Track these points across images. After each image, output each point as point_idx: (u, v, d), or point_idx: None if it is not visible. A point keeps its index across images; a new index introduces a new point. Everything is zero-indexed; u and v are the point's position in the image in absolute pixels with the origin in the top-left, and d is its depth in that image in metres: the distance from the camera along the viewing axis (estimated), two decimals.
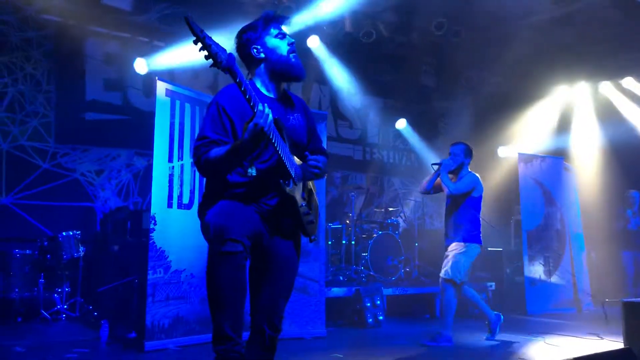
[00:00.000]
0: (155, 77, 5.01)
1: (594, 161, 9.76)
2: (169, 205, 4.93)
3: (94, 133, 7.36)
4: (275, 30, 2.81)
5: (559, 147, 9.74)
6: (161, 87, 4.95)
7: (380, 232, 7.77)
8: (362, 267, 7.41)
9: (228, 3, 7.60)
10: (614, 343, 5.13)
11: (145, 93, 7.70)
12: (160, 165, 4.89)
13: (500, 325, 5.42)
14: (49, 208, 6.93)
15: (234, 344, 2.49)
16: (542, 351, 4.97)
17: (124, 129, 7.54)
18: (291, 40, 2.84)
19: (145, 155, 7.52)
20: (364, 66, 9.45)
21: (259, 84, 2.83)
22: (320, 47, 8.64)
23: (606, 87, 9.69)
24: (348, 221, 7.80)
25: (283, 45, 2.80)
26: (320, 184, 5.52)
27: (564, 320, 6.92)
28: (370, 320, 6.23)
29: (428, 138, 10.36)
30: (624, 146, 9.28)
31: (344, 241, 7.60)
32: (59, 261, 5.95)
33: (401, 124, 10.19)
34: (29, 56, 7.02)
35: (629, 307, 4.23)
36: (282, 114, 2.82)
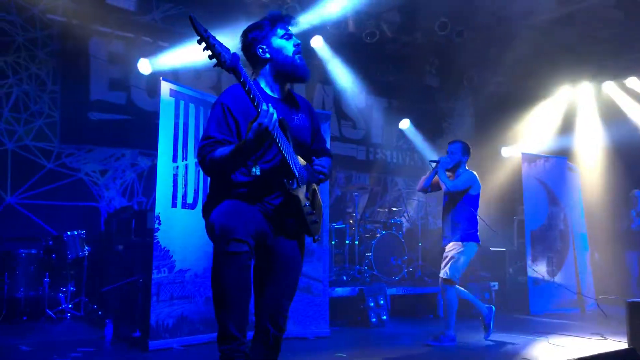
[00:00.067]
0: (160, 77, 5.03)
1: (598, 161, 9.74)
2: (174, 205, 4.95)
3: (99, 133, 7.38)
4: (281, 31, 2.81)
5: (562, 147, 9.72)
6: (165, 87, 4.97)
7: (383, 232, 7.77)
8: (366, 267, 7.42)
9: (232, 3, 7.62)
10: (618, 343, 5.13)
11: (149, 93, 7.72)
12: (164, 165, 4.91)
13: (494, 318, 5.39)
14: (54, 208, 6.95)
15: (238, 343, 2.50)
16: (546, 351, 4.97)
17: (128, 129, 7.56)
18: (297, 42, 2.84)
19: (149, 155, 7.54)
20: (367, 66, 9.46)
21: (263, 84, 2.83)
22: (324, 47, 8.65)
23: (609, 87, 9.67)
24: (352, 221, 7.81)
25: (289, 46, 2.80)
26: (324, 183, 5.52)
27: (567, 320, 6.92)
28: (373, 320, 6.24)
29: (431, 138, 10.36)
30: (627, 146, 9.26)
31: (347, 241, 7.61)
32: (64, 261, 5.97)
33: (405, 124, 10.19)
34: (33, 56, 7.04)
35: (633, 308, 4.24)
36: (286, 114, 2.83)
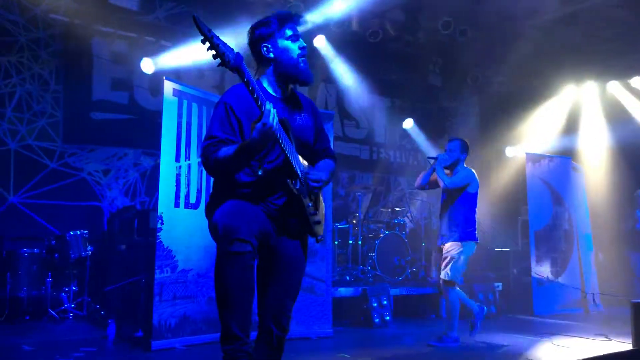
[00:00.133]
0: (163, 77, 5.02)
1: (602, 161, 9.70)
2: (176, 204, 4.94)
3: (101, 132, 7.38)
4: (289, 32, 2.77)
5: (566, 147, 9.69)
6: (168, 87, 4.96)
7: (386, 232, 7.75)
8: (369, 267, 7.40)
9: (235, 2, 7.61)
10: (623, 344, 5.10)
11: (152, 92, 7.71)
12: (167, 165, 4.90)
13: (483, 319, 5.33)
14: (57, 207, 6.95)
15: (241, 343, 2.49)
16: (550, 352, 4.95)
17: (131, 129, 7.56)
18: (303, 45, 2.80)
19: (152, 154, 7.54)
20: (370, 65, 9.44)
21: (265, 84, 2.82)
22: (327, 46, 8.64)
23: (614, 87, 9.63)
24: (355, 221, 7.79)
25: (294, 48, 2.77)
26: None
27: (571, 321, 6.89)
28: (377, 320, 6.23)
29: (435, 138, 10.34)
30: (632, 146, 9.22)
31: (350, 241, 7.59)
32: (67, 260, 5.97)
33: (408, 123, 10.17)
34: (36, 56, 7.04)
35: (638, 308, 4.21)
36: (289, 114, 2.81)
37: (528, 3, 7.72)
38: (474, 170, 5.40)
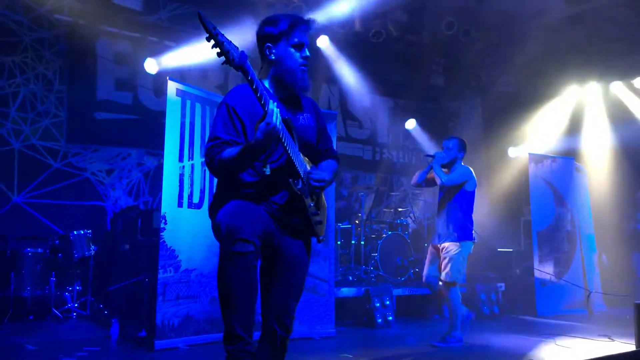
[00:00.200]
0: (167, 77, 5.03)
1: (605, 162, 9.67)
2: (180, 204, 4.95)
3: (105, 133, 7.41)
4: (296, 39, 2.74)
5: (569, 148, 9.67)
6: (172, 87, 4.97)
7: (389, 232, 7.75)
8: (372, 267, 7.41)
9: (238, 3, 7.62)
10: (626, 345, 5.09)
11: (155, 93, 7.73)
12: (170, 165, 4.91)
13: (467, 324, 5.28)
14: (60, 207, 6.98)
15: (244, 343, 2.49)
16: (553, 353, 4.94)
17: (135, 129, 7.58)
18: (306, 54, 2.77)
19: (155, 154, 7.56)
20: (373, 66, 9.44)
21: (267, 84, 2.82)
22: (330, 47, 8.64)
23: (617, 87, 9.61)
24: (357, 221, 7.79)
25: (296, 56, 2.75)
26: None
27: (574, 321, 6.87)
28: (379, 320, 6.22)
29: (438, 138, 10.31)
30: (635, 147, 9.19)
31: (353, 241, 7.60)
32: (70, 260, 5.99)
33: (411, 124, 10.17)
34: (40, 56, 7.07)
35: None
36: (292, 114, 2.82)
37: (531, 3, 7.71)
38: (471, 169, 5.37)
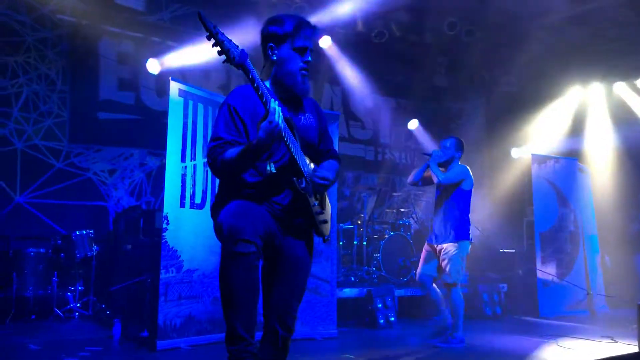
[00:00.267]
0: (169, 77, 5.03)
1: (608, 162, 9.66)
2: (182, 204, 4.95)
3: (108, 133, 7.42)
4: (300, 42, 2.72)
5: (572, 148, 9.65)
6: (174, 87, 4.97)
7: (391, 233, 7.74)
8: (374, 268, 7.40)
9: (240, 3, 7.62)
10: (629, 346, 5.08)
11: (158, 93, 7.74)
12: (173, 165, 4.91)
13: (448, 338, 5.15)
14: (63, 207, 6.99)
15: (246, 344, 2.49)
16: (556, 354, 4.93)
17: (137, 129, 7.59)
18: (308, 59, 2.75)
19: (158, 154, 7.56)
20: (375, 66, 9.44)
21: (269, 84, 2.81)
22: (332, 47, 8.64)
23: (620, 88, 9.59)
24: (360, 222, 7.78)
25: (297, 60, 2.73)
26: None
27: (577, 322, 6.85)
28: (381, 321, 6.22)
29: (440, 139, 10.29)
30: (638, 147, 9.18)
31: (355, 242, 7.59)
32: (73, 260, 6.00)
33: (413, 124, 10.16)
34: (43, 56, 7.08)
35: None
36: (294, 113, 2.82)
37: (534, 4, 7.70)
38: (468, 167, 5.33)
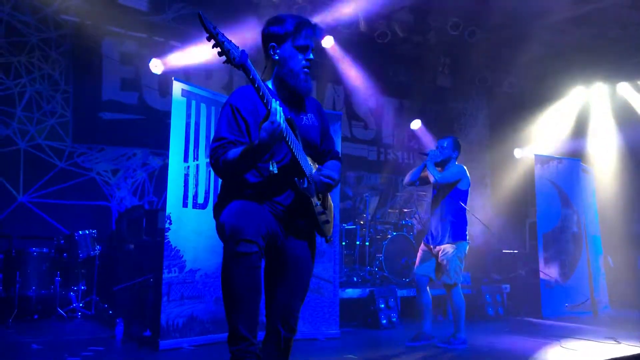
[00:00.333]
0: (172, 78, 5.04)
1: (612, 163, 9.63)
2: (184, 204, 4.95)
3: (111, 132, 7.42)
4: (301, 40, 2.73)
5: (576, 149, 9.63)
6: (177, 88, 4.97)
7: (394, 233, 7.73)
8: (376, 268, 7.39)
9: (242, 3, 7.62)
10: (632, 347, 5.07)
11: (161, 93, 7.75)
12: (175, 165, 4.91)
13: (425, 344, 5.15)
14: (66, 207, 6.99)
15: (249, 344, 2.49)
16: (559, 355, 4.92)
17: (140, 129, 7.59)
18: (310, 57, 2.76)
19: (160, 154, 7.57)
20: (378, 66, 9.43)
21: (270, 85, 2.82)
22: (335, 47, 8.63)
23: (624, 88, 9.57)
24: (362, 222, 7.78)
25: (299, 59, 2.74)
26: None
27: (580, 323, 6.84)
28: (384, 321, 6.21)
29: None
30: None
31: (358, 242, 7.58)
32: (75, 259, 6.00)
33: (416, 124, 10.14)
34: (47, 56, 7.09)
35: None
36: (295, 113, 2.82)
37: (537, 4, 7.69)
38: (465, 167, 5.31)
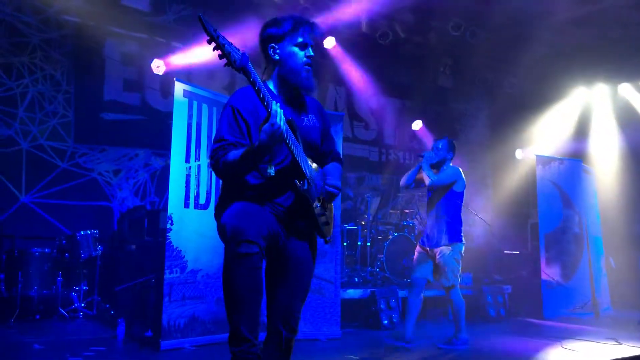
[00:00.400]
0: (174, 78, 5.05)
1: (613, 164, 9.63)
2: (186, 205, 4.96)
3: (112, 133, 7.43)
4: (300, 38, 2.76)
5: (577, 150, 9.62)
6: (179, 88, 4.98)
7: (395, 234, 7.72)
8: (378, 269, 7.39)
9: (244, 4, 7.63)
10: (634, 349, 5.07)
11: (162, 93, 7.76)
12: (177, 166, 4.92)
13: (405, 347, 5.13)
14: (68, 207, 7.00)
15: (250, 345, 2.49)
16: (560, 356, 4.92)
17: (142, 129, 7.60)
18: (310, 54, 2.79)
19: (162, 155, 7.58)
20: (380, 67, 9.43)
21: (271, 85, 2.83)
22: (337, 48, 8.64)
23: (625, 89, 9.56)
24: (363, 222, 7.78)
25: (300, 55, 2.76)
26: None
27: (581, 324, 6.83)
28: (385, 322, 6.22)
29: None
30: None
31: (359, 242, 7.59)
32: (77, 260, 6.01)
33: (417, 125, 10.14)
34: (48, 57, 7.10)
35: None
36: (296, 115, 2.82)
37: (538, 5, 7.68)
38: (460, 169, 5.30)
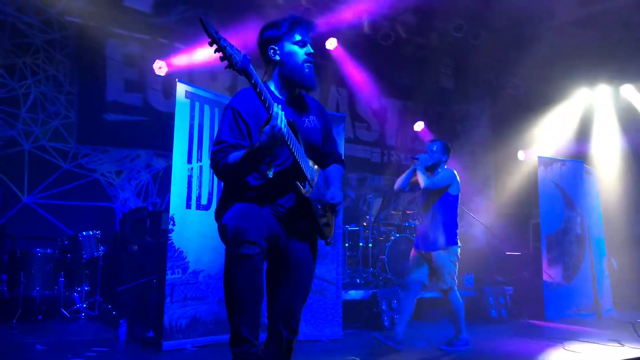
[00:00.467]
0: (176, 79, 5.06)
1: (615, 165, 9.61)
2: (188, 206, 4.97)
3: (115, 134, 7.45)
4: (298, 36, 2.78)
5: (579, 151, 9.61)
6: (181, 89, 4.99)
7: (397, 235, 7.72)
8: (379, 270, 7.39)
9: (246, 5, 7.64)
10: (636, 350, 5.06)
11: (164, 94, 7.77)
12: (179, 167, 4.93)
13: (393, 347, 5.09)
14: (70, 208, 7.02)
15: (251, 346, 2.50)
16: (562, 358, 4.91)
17: (144, 130, 7.62)
18: (310, 51, 2.80)
19: (164, 156, 7.59)
20: (382, 68, 9.43)
21: (272, 87, 2.83)
22: (339, 49, 8.64)
23: (628, 90, 9.54)
24: (365, 223, 7.78)
25: (300, 53, 2.78)
26: None
27: (583, 326, 6.82)
28: (386, 323, 6.21)
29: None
30: None
31: (361, 243, 7.58)
32: (79, 260, 6.03)
33: (419, 126, 10.14)
34: (51, 57, 7.11)
35: None
36: (297, 116, 2.83)
37: (541, 6, 7.68)
38: (455, 172, 5.27)
